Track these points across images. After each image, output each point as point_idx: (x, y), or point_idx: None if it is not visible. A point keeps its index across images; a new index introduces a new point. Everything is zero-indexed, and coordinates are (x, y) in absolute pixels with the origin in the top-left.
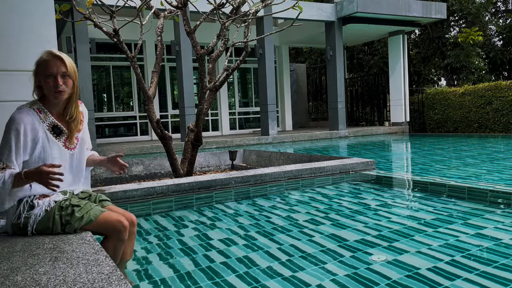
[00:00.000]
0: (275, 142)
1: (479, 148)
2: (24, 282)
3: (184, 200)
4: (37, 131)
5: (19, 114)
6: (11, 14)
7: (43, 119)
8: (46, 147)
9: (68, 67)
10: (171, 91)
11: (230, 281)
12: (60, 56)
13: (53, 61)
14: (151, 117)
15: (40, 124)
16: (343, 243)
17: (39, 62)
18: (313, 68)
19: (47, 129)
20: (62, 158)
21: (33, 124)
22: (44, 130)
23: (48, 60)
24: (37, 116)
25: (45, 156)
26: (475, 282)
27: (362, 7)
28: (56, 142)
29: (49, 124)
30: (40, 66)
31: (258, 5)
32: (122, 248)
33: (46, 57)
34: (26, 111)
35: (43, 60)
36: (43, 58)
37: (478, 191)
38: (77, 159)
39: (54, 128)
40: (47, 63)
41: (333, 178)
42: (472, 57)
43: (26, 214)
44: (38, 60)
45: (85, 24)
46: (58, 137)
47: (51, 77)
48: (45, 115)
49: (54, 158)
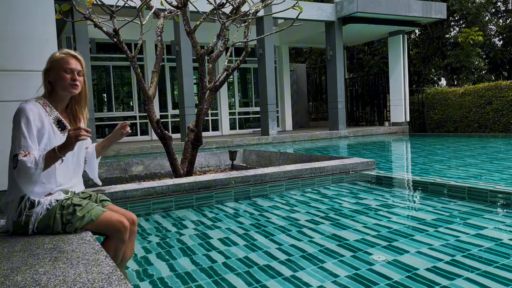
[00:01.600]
0: (275, 142)
1: (479, 148)
2: (24, 282)
3: (184, 200)
4: (43, 122)
5: (26, 105)
6: (11, 14)
7: (48, 112)
8: (52, 139)
9: (83, 67)
10: (171, 91)
11: (230, 281)
12: (77, 56)
13: (72, 58)
14: (151, 117)
15: (46, 116)
16: (343, 243)
17: (56, 58)
18: (313, 68)
19: (52, 122)
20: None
21: (40, 115)
22: (50, 122)
23: (66, 57)
24: (43, 109)
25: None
26: (476, 282)
27: (362, 7)
28: (60, 136)
29: (54, 117)
30: (56, 62)
31: (258, 5)
32: (123, 248)
33: (64, 54)
34: (33, 102)
35: (61, 57)
36: (60, 56)
37: (478, 191)
38: (77, 157)
39: (59, 122)
40: (65, 59)
41: (333, 178)
42: (472, 57)
43: (27, 212)
44: (53, 57)
45: (85, 24)
46: (62, 132)
47: (69, 71)
48: (51, 109)
49: None
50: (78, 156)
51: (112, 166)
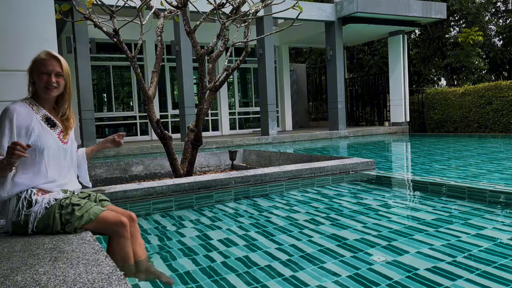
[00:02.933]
0: (275, 142)
1: (479, 148)
2: (24, 282)
3: (184, 200)
4: (31, 120)
5: (12, 105)
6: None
7: (36, 110)
8: (42, 135)
9: (63, 68)
10: (171, 91)
11: (230, 281)
12: (57, 57)
13: (50, 60)
14: (151, 117)
15: (33, 114)
16: (343, 243)
17: (36, 60)
18: (313, 68)
19: (41, 119)
20: (57, 149)
21: (27, 113)
22: (38, 120)
23: (45, 59)
24: (30, 108)
25: (41, 145)
26: (476, 283)
27: (362, 7)
28: (51, 132)
29: (42, 115)
30: (36, 64)
31: (258, 5)
32: (127, 246)
33: (44, 56)
34: (20, 103)
35: (40, 59)
36: (40, 57)
37: (478, 191)
38: (70, 154)
39: (48, 120)
40: (44, 61)
41: (333, 178)
42: (472, 57)
43: (25, 212)
44: (35, 58)
45: (85, 24)
46: (53, 129)
47: (46, 74)
48: (38, 108)
49: (50, 148)
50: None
51: (112, 166)
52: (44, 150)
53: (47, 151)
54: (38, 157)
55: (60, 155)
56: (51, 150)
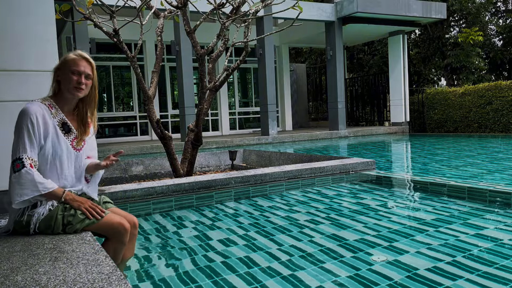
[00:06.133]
0: (275, 142)
1: (479, 148)
2: (24, 282)
3: (184, 200)
4: (48, 125)
5: (31, 106)
6: (11, 14)
7: (54, 114)
8: (55, 142)
9: (93, 71)
10: (171, 91)
11: (230, 281)
12: (88, 59)
13: (82, 61)
14: (151, 117)
15: (51, 118)
16: (343, 243)
17: (67, 58)
18: (313, 68)
19: (57, 125)
20: (68, 156)
21: (44, 117)
22: (54, 125)
23: (77, 58)
24: (48, 111)
25: (53, 151)
26: (477, 283)
27: (362, 7)
28: (64, 139)
29: (59, 120)
30: (67, 62)
31: (258, 5)
32: (122, 251)
33: (77, 56)
34: (38, 104)
35: (72, 58)
36: (72, 56)
37: (478, 191)
38: (80, 161)
39: (63, 125)
40: (76, 61)
41: (333, 178)
42: (472, 57)
43: (29, 212)
44: (65, 57)
45: (85, 24)
46: (66, 135)
47: (76, 74)
48: (56, 111)
49: (61, 155)
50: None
51: (112, 166)
52: (56, 156)
53: (59, 158)
54: (49, 163)
55: (70, 161)
56: (63, 157)
